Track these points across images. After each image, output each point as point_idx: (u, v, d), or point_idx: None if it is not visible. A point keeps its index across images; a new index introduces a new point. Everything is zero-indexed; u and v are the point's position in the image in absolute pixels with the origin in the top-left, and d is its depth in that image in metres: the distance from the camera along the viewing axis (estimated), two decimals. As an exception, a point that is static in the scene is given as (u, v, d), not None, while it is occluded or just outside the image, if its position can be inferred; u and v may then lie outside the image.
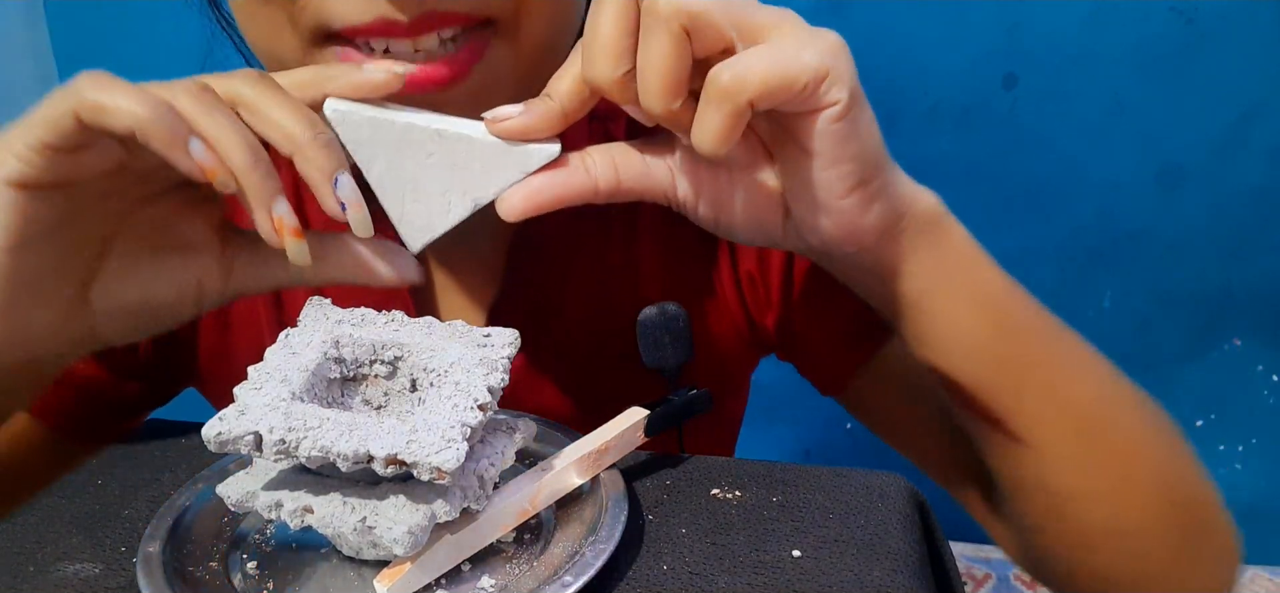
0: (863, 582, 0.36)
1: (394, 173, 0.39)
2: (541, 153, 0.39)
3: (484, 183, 0.39)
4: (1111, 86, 0.95)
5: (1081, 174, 0.99)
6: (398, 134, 0.39)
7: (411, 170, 0.39)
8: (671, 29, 0.35)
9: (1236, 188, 0.97)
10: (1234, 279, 1.00)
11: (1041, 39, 0.95)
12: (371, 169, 0.39)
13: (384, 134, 0.39)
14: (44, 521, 0.43)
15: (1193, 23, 0.92)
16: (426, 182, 0.39)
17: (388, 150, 0.39)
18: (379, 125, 0.39)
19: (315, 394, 0.36)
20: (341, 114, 0.38)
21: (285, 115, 0.36)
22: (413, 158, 0.39)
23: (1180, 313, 1.02)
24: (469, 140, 0.39)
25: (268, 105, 0.37)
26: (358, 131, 0.39)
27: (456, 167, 0.39)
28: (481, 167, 0.39)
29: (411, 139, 0.39)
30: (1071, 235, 1.01)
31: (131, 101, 0.34)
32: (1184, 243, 1.00)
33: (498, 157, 0.39)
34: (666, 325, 0.45)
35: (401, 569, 0.34)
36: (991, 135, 0.98)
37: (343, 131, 0.39)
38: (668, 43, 0.35)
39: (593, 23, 0.37)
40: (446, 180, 0.39)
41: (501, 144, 0.38)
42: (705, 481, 0.43)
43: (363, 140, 0.39)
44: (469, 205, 0.39)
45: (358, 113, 0.39)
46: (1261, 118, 0.94)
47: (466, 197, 0.39)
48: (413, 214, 0.40)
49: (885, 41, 0.96)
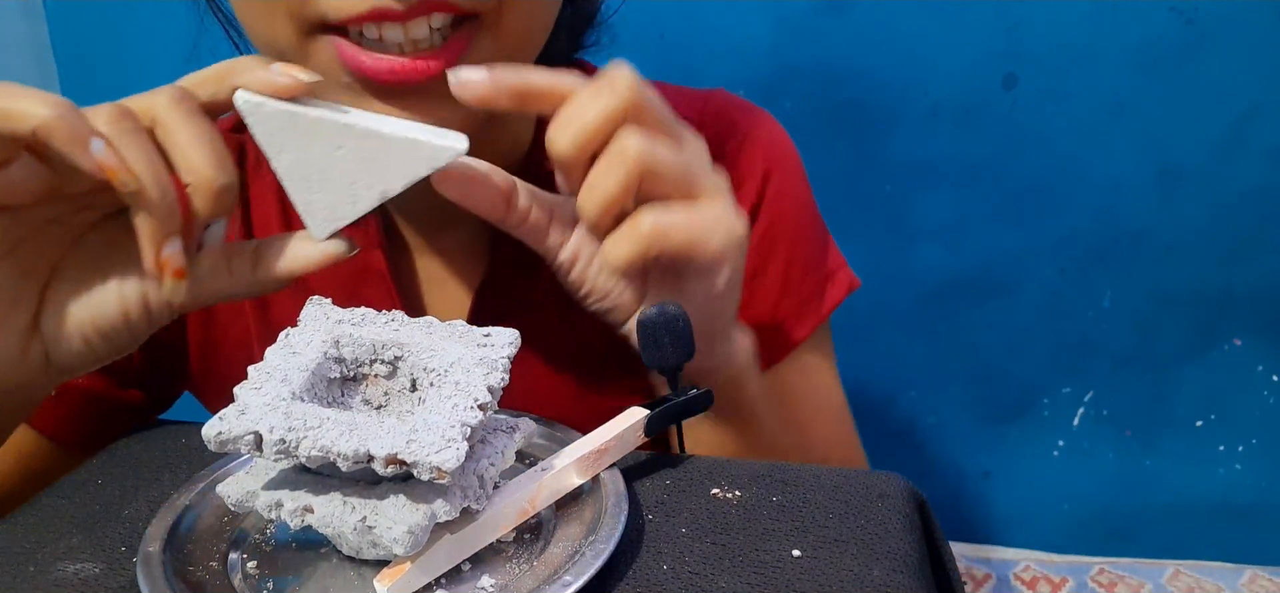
0: (863, 582, 0.36)
1: (301, 164, 0.40)
2: (449, 150, 0.40)
3: (391, 176, 0.40)
4: (1111, 86, 0.95)
5: (1081, 174, 0.98)
6: (307, 127, 0.39)
7: (319, 162, 0.40)
8: (630, 169, 0.40)
9: (1236, 188, 0.97)
10: (1234, 279, 1.00)
11: (1041, 39, 0.94)
12: (279, 159, 0.40)
13: (293, 126, 0.39)
14: (44, 521, 0.43)
15: (1193, 23, 0.92)
16: (334, 173, 0.40)
17: (297, 142, 0.40)
18: (289, 118, 0.39)
19: (315, 394, 0.36)
20: (252, 105, 0.39)
21: (193, 146, 0.38)
22: (321, 150, 0.40)
23: (1180, 313, 1.02)
24: (378, 136, 0.39)
25: (179, 129, 0.38)
26: (268, 123, 0.40)
27: (365, 160, 0.40)
28: (390, 161, 0.40)
29: (321, 133, 0.39)
30: (1071, 235, 1.00)
31: (34, 103, 0.35)
32: (1184, 243, 0.99)
33: (406, 151, 0.40)
34: (666, 325, 0.45)
35: (401, 569, 0.34)
36: (991, 135, 0.98)
37: (252, 123, 0.40)
38: (622, 177, 0.40)
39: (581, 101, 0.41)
40: (354, 172, 0.40)
41: (410, 140, 0.39)
42: (705, 481, 0.43)
43: (272, 131, 0.40)
44: (376, 197, 0.40)
45: (268, 105, 0.39)
46: (1261, 118, 0.94)
47: (373, 189, 0.40)
48: (318, 204, 0.41)
49: (885, 41, 0.96)
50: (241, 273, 0.42)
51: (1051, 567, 1.10)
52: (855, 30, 0.96)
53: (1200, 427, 1.07)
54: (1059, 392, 1.08)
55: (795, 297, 0.61)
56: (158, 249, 0.38)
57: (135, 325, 0.42)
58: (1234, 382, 1.05)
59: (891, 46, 0.96)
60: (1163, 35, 0.93)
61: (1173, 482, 1.08)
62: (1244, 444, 1.07)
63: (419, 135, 0.40)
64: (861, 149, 1.00)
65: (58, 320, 0.41)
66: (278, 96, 0.39)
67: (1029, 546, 1.13)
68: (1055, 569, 1.10)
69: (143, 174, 0.37)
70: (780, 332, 0.61)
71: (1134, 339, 1.04)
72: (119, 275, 0.41)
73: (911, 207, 1.01)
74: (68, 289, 0.41)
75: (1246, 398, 1.05)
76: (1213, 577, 1.07)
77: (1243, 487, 1.07)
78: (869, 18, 0.95)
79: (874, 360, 1.07)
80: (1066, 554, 1.12)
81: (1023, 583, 1.09)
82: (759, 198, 0.60)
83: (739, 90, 0.99)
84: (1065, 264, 1.02)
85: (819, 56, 0.98)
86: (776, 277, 0.61)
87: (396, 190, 0.40)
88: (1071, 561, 1.11)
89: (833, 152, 1.00)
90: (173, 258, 0.39)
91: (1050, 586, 1.08)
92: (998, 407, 1.09)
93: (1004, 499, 1.13)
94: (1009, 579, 1.09)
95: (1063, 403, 1.08)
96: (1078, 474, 1.10)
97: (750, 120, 0.62)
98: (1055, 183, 0.99)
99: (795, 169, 0.63)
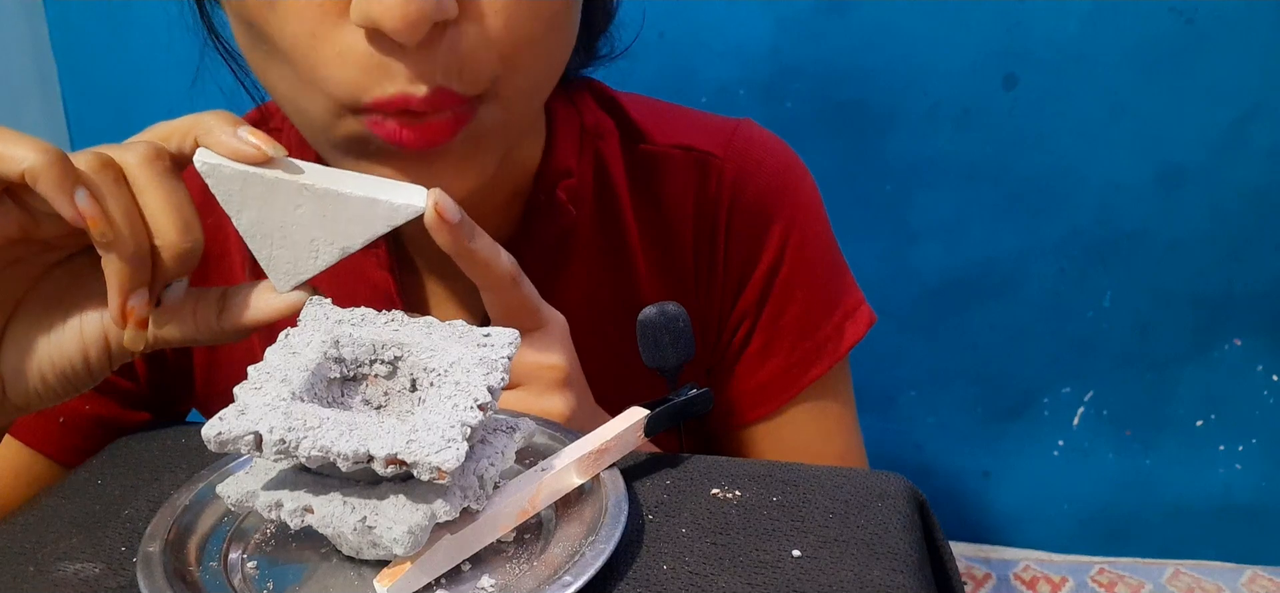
0: (863, 582, 0.36)
1: (262, 222, 0.41)
2: (409, 207, 0.40)
3: (351, 233, 0.41)
4: (1111, 86, 0.95)
5: (1081, 174, 0.98)
6: (266, 187, 0.40)
7: (279, 220, 0.41)
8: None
9: (1236, 188, 0.97)
10: (1234, 279, 1.00)
11: (1041, 39, 0.94)
12: (240, 218, 0.41)
13: (253, 187, 0.40)
14: (44, 521, 0.43)
15: (1193, 23, 0.92)
16: (294, 231, 0.41)
17: (256, 202, 0.40)
18: (248, 179, 0.40)
19: (315, 394, 0.36)
20: (211, 167, 0.40)
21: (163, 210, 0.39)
22: (281, 209, 0.40)
23: (1180, 313, 1.02)
24: (337, 196, 0.40)
25: (150, 189, 0.39)
26: (228, 184, 0.40)
27: (325, 218, 0.40)
28: (350, 219, 0.40)
29: (280, 192, 0.40)
30: (1071, 235, 1.00)
31: (24, 148, 0.36)
32: (1184, 243, 0.99)
33: (366, 210, 0.40)
34: (666, 325, 0.45)
35: (401, 569, 0.34)
36: (991, 135, 0.98)
37: (211, 182, 0.40)
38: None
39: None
40: (314, 230, 0.41)
41: (370, 198, 0.40)
42: (705, 481, 0.43)
43: (232, 192, 0.40)
44: (337, 253, 0.41)
45: (227, 167, 0.40)
46: (1261, 118, 0.94)
47: (334, 245, 0.41)
48: (280, 259, 0.41)
49: (885, 41, 0.96)
50: (206, 320, 0.42)
51: (1051, 567, 1.10)
52: (855, 30, 0.96)
53: (1200, 427, 1.07)
54: (1059, 392, 1.08)
55: (812, 339, 0.62)
56: (124, 298, 0.39)
57: (94, 366, 0.43)
58: (1234, 382, 1.04)
59: (891, 46, 0.96)
60: (1162, 35, 0.93)
61: (1173, 482, 1.08)
62: (1244, 444, 1.07)
63: (378, 194, 0.40)
64: (861, 149, 1.00)
65: (17, 357, 0.42)
66: (243, 162, 0.40)
67: (1029, 545, 1.13)
68: (1055, 569, 1.10)
69: (120, 226, 0.38)
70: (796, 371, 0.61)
71: (1134, 339, 1.04)
72: (80, 316, 0.42)
73: (911, 207, 1.01)
74: (29, 327, 0.42)
75: (1246, 398, 1.05)
76: (1213, 577, 1.07)
77: (1243, 487, 1.07)
78: (869, 18, 0.95)
79: (874, 360, 1.07)
80: (1066, 554, 1.12)
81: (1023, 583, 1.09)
82: (782, 245, 0.60)
83: (739, 90, 1.00)
84: (1065, 264, 1.02)
85: (819, 56, 0.97)
86: (794, 319, 0.61)
87: (357, 247, 0.41)
88: (1071, 561, 1.11)
89: (833, 152, 1.00)
90: (138, 308, 0.40)
91: (1050, 586, 1.08)
92: (998, 407, 1.09)
93: (1004, 499, 1.13)
94: (1009, 579, 1.09)
95: (1063, 403, 1.08)
96: (1078, 474, 1.10)
97: (775, 163, 0.61)
98: (1055, 183, 0.99)
99: (817, 213, 0.63)
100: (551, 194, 0.56)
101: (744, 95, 1.00)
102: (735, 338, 0.62)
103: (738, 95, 1.00)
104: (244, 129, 0.40)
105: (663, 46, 0.98)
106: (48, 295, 0.42)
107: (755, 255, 0.60)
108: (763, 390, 0.62)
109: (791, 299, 0.61)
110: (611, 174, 0.59)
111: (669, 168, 0.60)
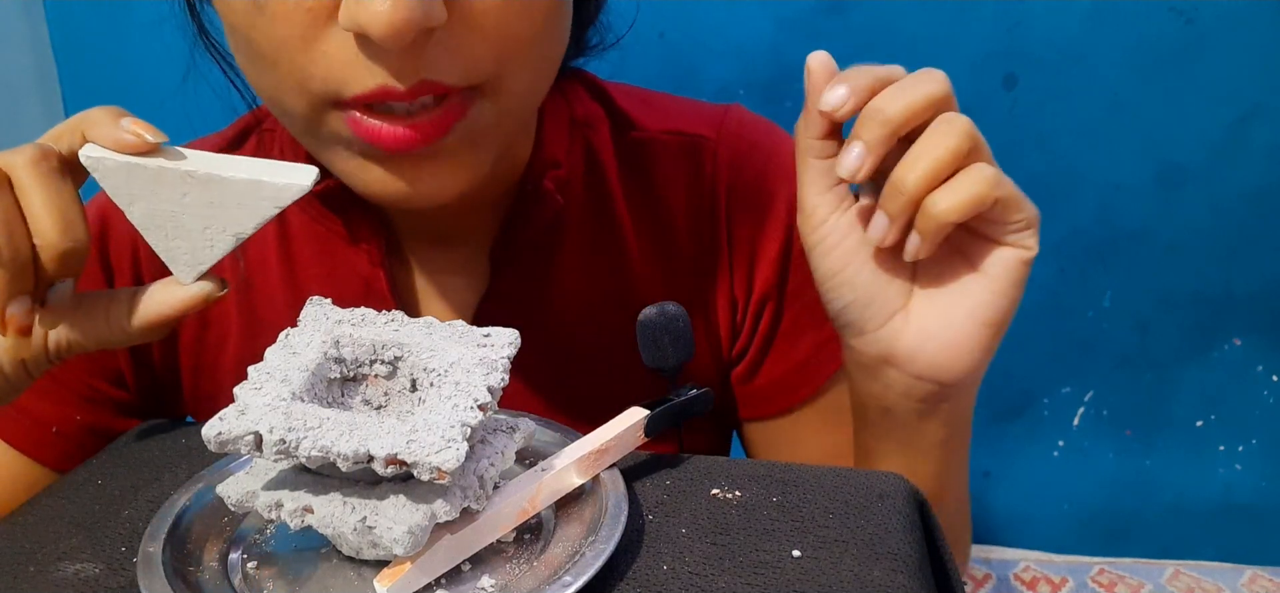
0: (863, 582, 0.36)
1: (153, 213, 0.41)
2: (293, 187, 0.40)
3: (241, 218, 0.40)
4: (1111, 86, 0.95)
5: (1081, 174, 0.98)
6: (151, 177, 0.40)
7: (169, 210, 0.40)
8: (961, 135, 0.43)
9: (1236, 188, 0.97)
10: (1234, 279, 1.00)
11: (1041, 39, 0.94)
12: (131, 210, 0.41)
13: (138, 177, 0.40)
14: (44, 521, 0.43)
15: (1193, 23, 0.92)
16: (186, 220, 0.41)
17: (144, 192, 0.40)
18: (132, 170, 0.40)
19: (315, 394, 0.36)
20: (95, 160, 0.40)
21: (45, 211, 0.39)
22: (169, 199, 0.40)
23: (1180, 313, 1.02)
24: (221, 180, 0.40)
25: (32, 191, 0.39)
26: (113, 176, 0.40)
27: (213, 205, 0.40)
28: (237, 203, 0.40)
29: (165, 181, 0.40)
30: (1071, 235, 1.00)
31: None
32: (1184, 243, 0.99)
33: (250, 192, 0.40)
34: (666, 325, 0.45)
35: (401, 569, 0.34)
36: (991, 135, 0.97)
37: (98, 176, 0.40)
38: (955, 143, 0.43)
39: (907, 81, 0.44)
40: (205, 217, 0.40)
41: (253, 181, 0.40)
42: (705, 481, 0.43)
43: (119, 184, 0.40)
44: (231, 240, 0.41)
45: (110, 158, 0.40)
46: (1261, 118, 0.94)
47: (226, 232, 0.41)
48: (178, 250, 0.41)
49: (885, 41, 0.96)
50: (118, 320, 0.43)
51: (1051, 567, 1.10)
52: (855, 30, 0.96)
53: (1200, 427, 1.07)
54: (1059, 392, 1.08)
55: None
56: (2, 307, 0.40)
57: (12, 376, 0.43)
58: (1234, 382, 1.04)
59: (891, 46, 0.96)
60: (1163, 35, 0.93)
61: (1173, 482, 1.08)
62: (1244, 444, 1.07)
63: (263, 175, 0.40)
64: (861, 149, 1.00)
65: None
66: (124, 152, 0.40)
67: (1029, 546, 1.13)
68: (1055, 569, 1.10)
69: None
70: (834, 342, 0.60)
71: (1134, 339, 1.04)
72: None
73: (911, 207, 1.01)
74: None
75: (1246, 398, 1.05)
76: (1213, 577, 1.07)
77: (1243, 487, 1.07)
78: (869, 18, 0.95)
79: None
80: (1066, 554, 1.12)
81: (1023, 583, 1.09)
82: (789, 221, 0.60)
83: (739, 90, 1.00)
84: (1065, 264, 1.02)
85: (819, 57, 0.97)
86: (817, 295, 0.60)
87: (249, 231, 0.41)
88: (1071, 561, 1.11)
89: (833, 152, 1.00)
90: (19, 316, 0.40)
91: (1050, 586, 1.08)
92: (998, 407, 1.09)
93: (1004, 499, 1.13)
94: (1009, 579, 1.09)
95: (1063, 403, 1.08)
96: (1078, 474, 1.10)
97: (770, 142, 0.61)
98: (1055, 183, 0.99)
99: None
100: (539, 184, 0.56)
101: (744, 95, 1.00)
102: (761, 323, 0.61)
103: (738, 95, 1.00)
104: (127, 120, 0.40)
105: (663, 46, 0.98)
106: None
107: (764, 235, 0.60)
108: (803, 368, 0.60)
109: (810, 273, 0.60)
110: (602, 163, 0.59)
111: (660, 154, 0.60)
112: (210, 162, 0.40)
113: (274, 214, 0.40)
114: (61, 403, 0.56)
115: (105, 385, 0.58)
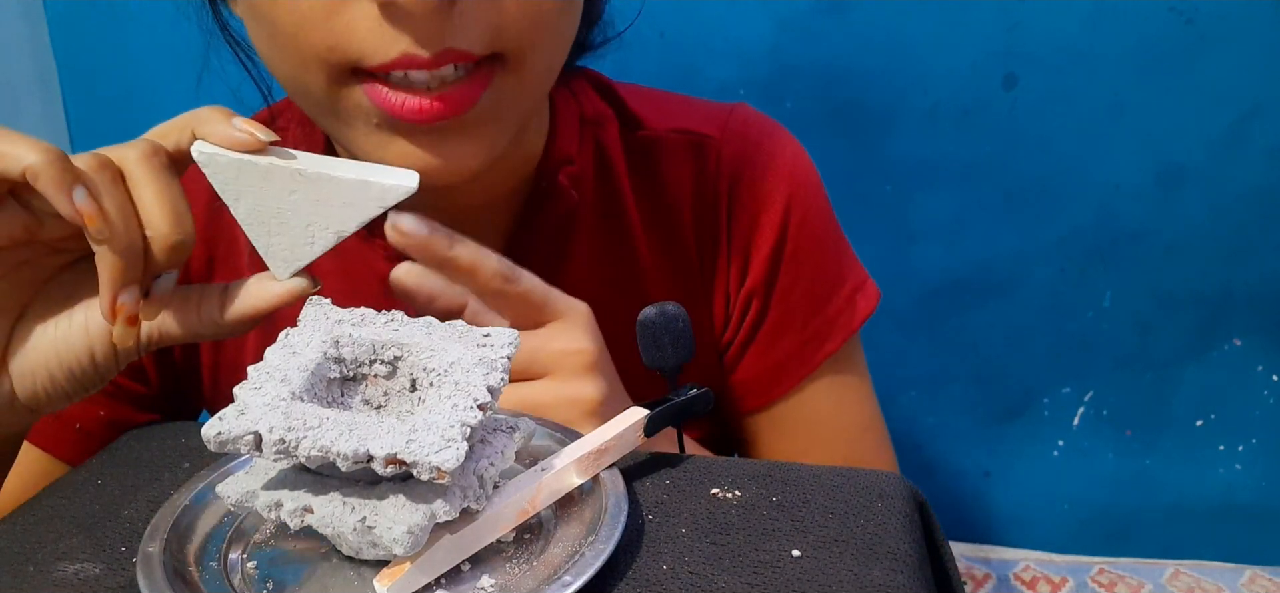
0: (863, 582, 0.36)
1: (258, 209, 0.42)
2: (399, 188, 0.41)
3: (345, 217, 0.41)
4: (1111, 86, 0.95)
5: (1081, 174, 0.98)
6: (260, 175, 0.41)
7: (275, 207, 0.41)
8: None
9: (1236, 188, 0.97)
10: (1234, 279, 1.00)
11: (1041, 39, 0.94)
12: (237, 206, 0.42)
13: (248, 175, 0.41)
14: (44, 521, 0.43)
15: (1193, 23, 0.92)
16: (290, 216, 0.41)
17: (252, 189, 0.41)
18: (243, 167, 0.41)
19: (315, 394, 0.36)
20: (207, 156, 0.41)
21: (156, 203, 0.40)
22: (276, 196, 0.41)
23: (1180, 313, 1.02)
24: (330, 179, 0.41)
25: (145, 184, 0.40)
26: (223, 172, 0.41)
27: (319, 203, 0.41)
28: (344, 202, 0.41)
29: (274, 179, 0.41)
30: (1071, 235, 1.00)
31: (25, 148, 0.37)
32: (1184, 243, 0.99)
33: (358, 192, 0.41)
34: (666, 325, 0.45)
35: (401, 569, 0.34)
36: (991, 135, 0.98)
37: (209, 172, 0.41)
38: None
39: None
40: (309, 215, 0.41)
41: (361, 182, 0.41)
42: (705, 481, 0.43)
43: (228, 180, 0.41)
44: (332, 238, 0.42)
45: (222, 156, 0.41)
46: (1261, 118, 0.94)
47: (329, 230, 0.42)
48: (278, 246, 0.42)
49: (885, 41, 0.96)
50: (210, 314, 0.43)
51: (1051, 567, 1.10)
52: (855, 30, 0.96)
53: (1200, 427, 1.07)
54: (1059, 392, 1.08)
55: (823, 314, 0.62)
56: (114, 294, 0.40)
57: (101, 364, 0.43)
58: (1234, 382, 1.04)
59: (891, 46, 0.96)
60: (1163, 35, 0.93)
61: (1173, 482, 1.08)
62: (1244, 444, 1.07)
63: (370, 176, 0.41)
64: (861, 149, 1.00)
65: (26, 359, 0.43)
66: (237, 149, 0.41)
67: (1029, 546, 1.13)
68: (1055, 569, 1.10)
69: (114, 223, 0.38)
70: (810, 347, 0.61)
71: (1134, 339, 1.04)
72: (86, 316, 0.43)
73: (911, 207, 1.01)
74: (37, 328, 0.43)
75: (1246, 398, 1.05)
76: (1213, 577, 1.07)
77: (1243, 487, 1.07)
78: (869, 18, 0.95)
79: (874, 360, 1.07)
80: (1066, 554, 1.12)
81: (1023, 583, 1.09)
82: (784, 222, 0.61)
83: (739, 90, 1.00)
84: (1065, 264, 1.02)
85: (819, 56, 0.97)
86: (804, 294, 0.61)
87: (351, 230, 0.42)
88: (1071, 561, 1.11)
89: (833, 151, 1.00)
90: (128, 305, 0.41)
91: (1050, 586, 1.08)
92: (998, 407, 1.09)
93: (1004, 499, 1.13)
94: (1009, 579, 1.09)
95: (1063, 403, 1.08)
96: (1078, 474, 1.10)
97: (773, 143, 0.62)
98: (1055, 183, 0.99)
99: (817, 190, 0.64)
100: (553, 180, 0.56)
101: (744, 95, 1.00)
102: (747, 318, 0.62)
103: (738, 95, 0.99)
104: (238, 119, 0.41)
105: (663, 46, 0.98)
106: (54, 297, 0.43)
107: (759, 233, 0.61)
108: (779, 369, 0.62)
109: (799, 275, 0.62)
110: (611, 160, 0.60)
111: (667, 152, 0.61)
112: (318, 161, 0.42)
113: (377, 214, 0.41)
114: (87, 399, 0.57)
115: (128, 380, 0.58)
